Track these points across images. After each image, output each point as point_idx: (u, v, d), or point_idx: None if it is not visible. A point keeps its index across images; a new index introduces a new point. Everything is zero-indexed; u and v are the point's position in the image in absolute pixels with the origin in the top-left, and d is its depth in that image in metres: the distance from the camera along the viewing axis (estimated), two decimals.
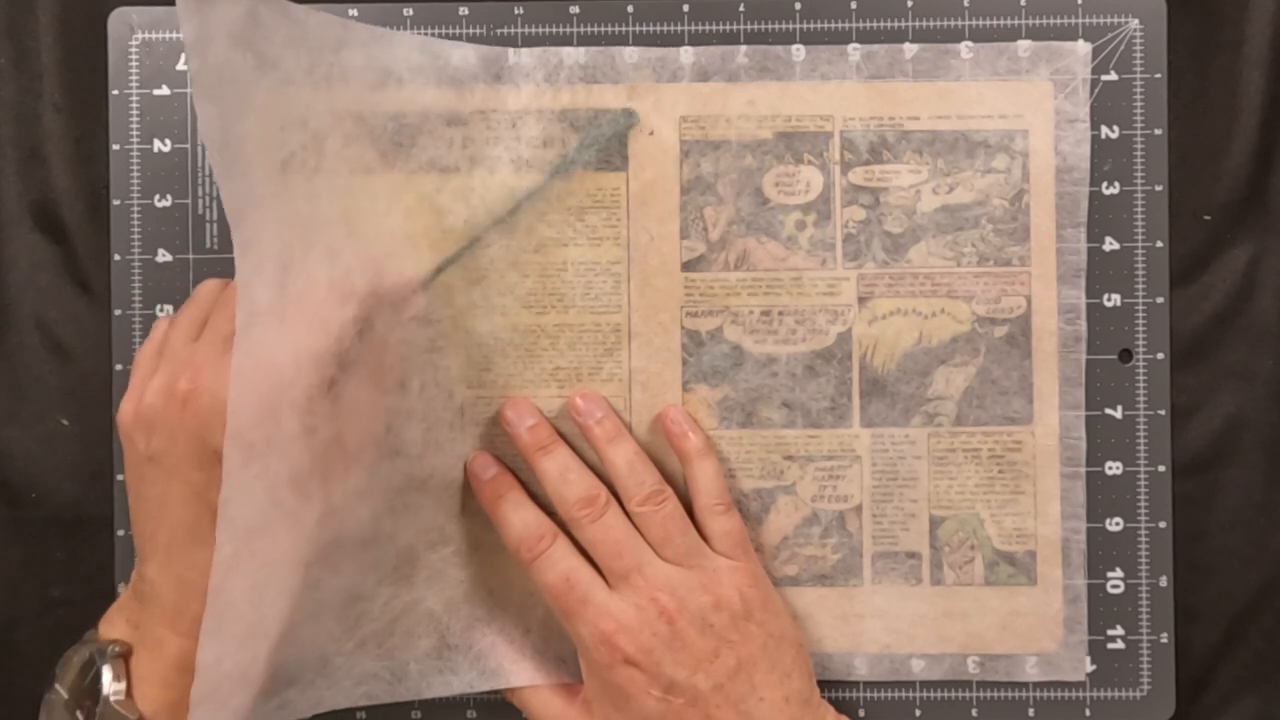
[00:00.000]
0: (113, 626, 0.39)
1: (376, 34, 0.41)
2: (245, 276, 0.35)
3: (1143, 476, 0.45)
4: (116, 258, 0.45)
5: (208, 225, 0.45)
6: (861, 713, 0.45)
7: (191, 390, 0.37)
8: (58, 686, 0.38)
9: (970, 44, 0.44)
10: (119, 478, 0.45)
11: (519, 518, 0.42)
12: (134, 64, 0.45)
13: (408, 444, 0.41)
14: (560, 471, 0.42)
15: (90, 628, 0.39)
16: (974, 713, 0.45)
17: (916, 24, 0.45)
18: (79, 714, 0.37)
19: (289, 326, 0.36)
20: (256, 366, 0.35)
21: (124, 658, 0.38)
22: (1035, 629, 0.44)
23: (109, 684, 0.37)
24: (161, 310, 0.45)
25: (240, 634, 0.35)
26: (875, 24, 0.45)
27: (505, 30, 0.45)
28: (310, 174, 0.38)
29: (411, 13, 0.45)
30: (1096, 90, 0.45)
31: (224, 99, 0.35)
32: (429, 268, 0.42)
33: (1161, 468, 0.45)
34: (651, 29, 0.45)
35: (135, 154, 0.45)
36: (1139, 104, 0.45)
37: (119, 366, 0.45)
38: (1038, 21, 0.45)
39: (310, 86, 0.38)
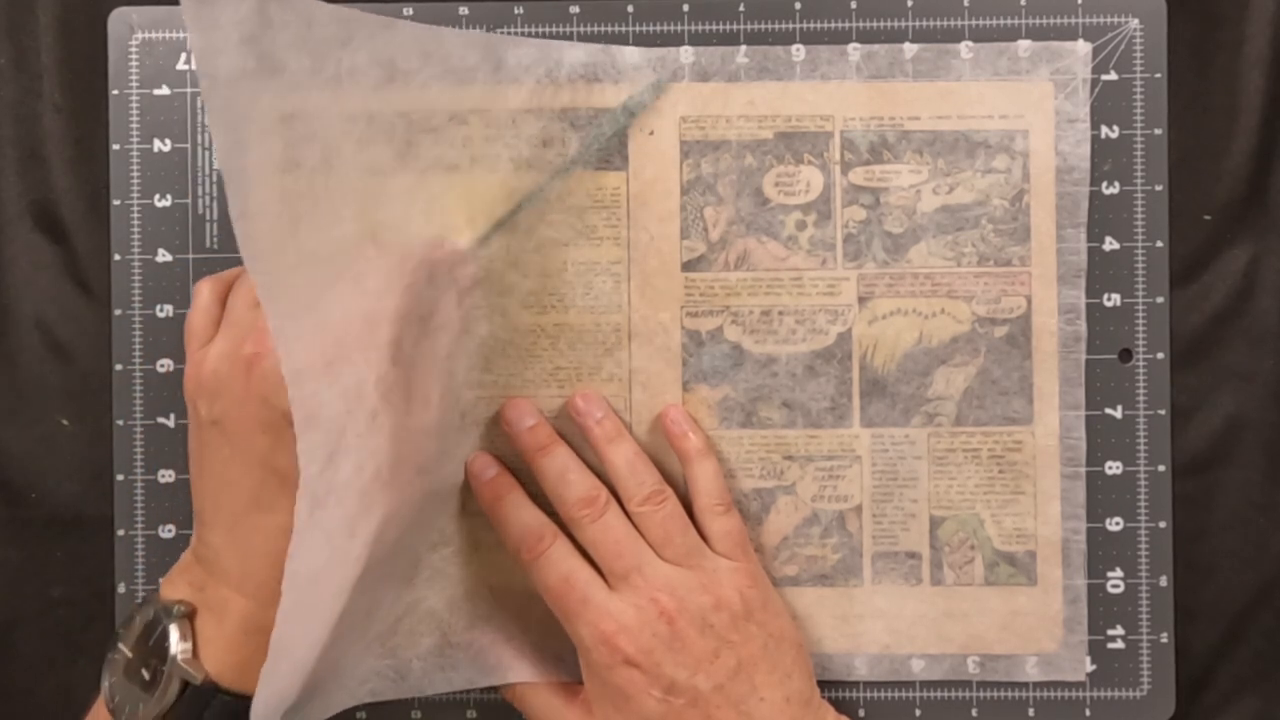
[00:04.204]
0: (175, 588, 0.39)
1: (381, 24, 0.40)
2: (278, 326, 0.34)
3: (1143, 476, 0.45)
4: (116, 258, 0.45)
5: (208, 225, 0.45)
6: (861, 713, 0.45)
7: (256, 354, 0.37)
8: (121, 646, 0.38)
9: (970, 44, 0.44)
10: (119, 478, 0.45)
11: (519, 518, 0.42)
12: (134, 64, 0.45)
13: (429, 459, 0.40)
14: (560, 472, 0.42)
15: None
16: (974, 713, 0.45)
17: (916, 24, 0.45)
18: (144, 673, 0.37)
19: (333, 370, 0.36)
20: (312, 418, 0.35)
21: (189, 618, 0.38)
22: (1035, 629, 0.44)
23: (176, 643, 0.37)
24: (162, 310, 0.45)
25: (288, 671, 0.36)
26: (875, 24, 0.45)
27: (505, 30, 0.45)
28: (329, 189, 0.37)
29: (411, 12, 0.45)
30: (1096, 90, 0.45)
31: (238, 118, 0.34)
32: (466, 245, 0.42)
33: (1161, 467, 0.45)
34: (651, 29, 0.45)
35: (135, 154, 0.45)
36: (1139, 104, 0.45)
37: (119, 366, 0.45)
38: (1038, 21, 0.45)
39: (318, 89, 0.38)
